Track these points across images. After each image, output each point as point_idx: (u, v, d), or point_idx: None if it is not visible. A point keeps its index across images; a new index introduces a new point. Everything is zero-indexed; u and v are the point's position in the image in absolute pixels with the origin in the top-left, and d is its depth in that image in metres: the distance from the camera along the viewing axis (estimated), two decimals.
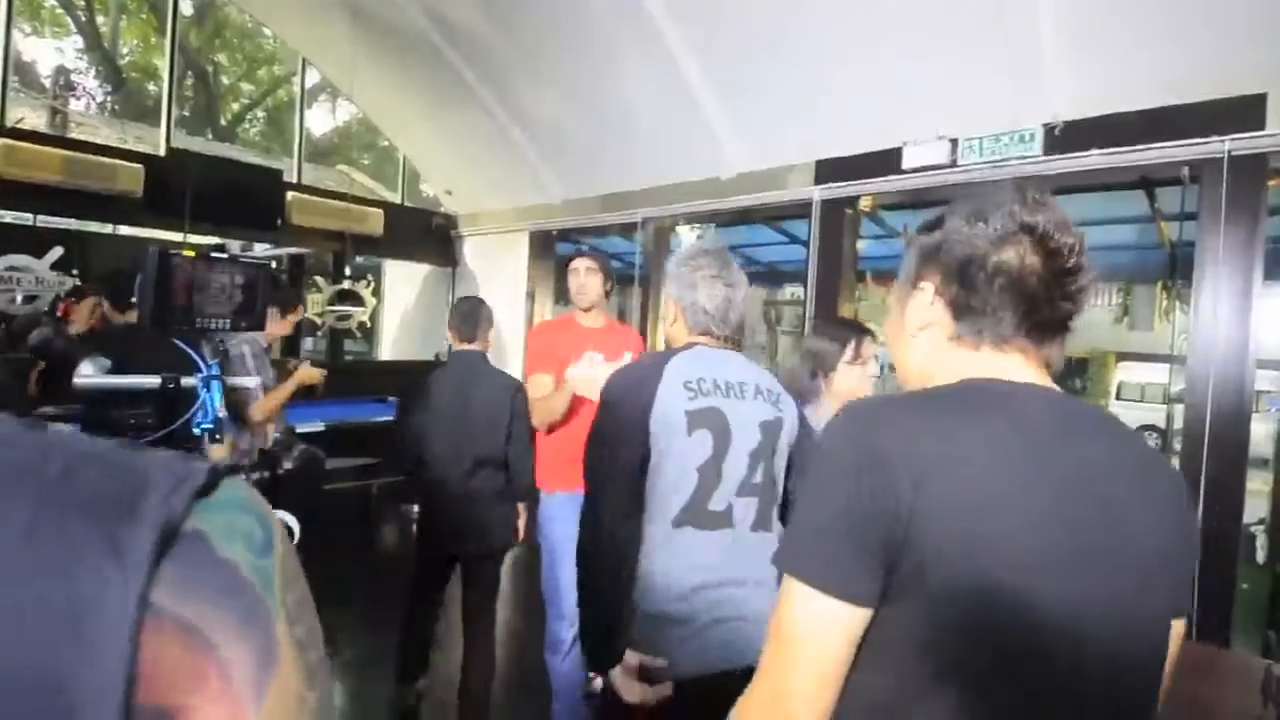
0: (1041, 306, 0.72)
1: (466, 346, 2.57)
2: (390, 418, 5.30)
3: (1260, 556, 4.98)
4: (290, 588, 0.32)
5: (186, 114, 13.90)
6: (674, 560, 1.33)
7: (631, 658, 1.31)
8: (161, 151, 5.45)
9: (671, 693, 1.29)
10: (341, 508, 4.56)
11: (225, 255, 1.06)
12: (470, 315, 2.59)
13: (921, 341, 0.79)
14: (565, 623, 2.34)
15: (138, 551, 0.28)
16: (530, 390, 2.55)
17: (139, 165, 4.99)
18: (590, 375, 2.30)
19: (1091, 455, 0.70)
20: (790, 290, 15.16)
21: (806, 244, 4.59)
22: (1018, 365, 0.74)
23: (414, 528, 2.65)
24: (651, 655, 1.31)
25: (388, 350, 8.23)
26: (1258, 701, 1.38)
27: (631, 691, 1.29)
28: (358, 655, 3.23)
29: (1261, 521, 5.13)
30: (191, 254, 1.00)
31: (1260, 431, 4.19)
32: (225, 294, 1.01)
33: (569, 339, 2.58)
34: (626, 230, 5.47)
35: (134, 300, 2.63)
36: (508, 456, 2.53)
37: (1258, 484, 4.51)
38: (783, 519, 1.44)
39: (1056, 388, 0.76)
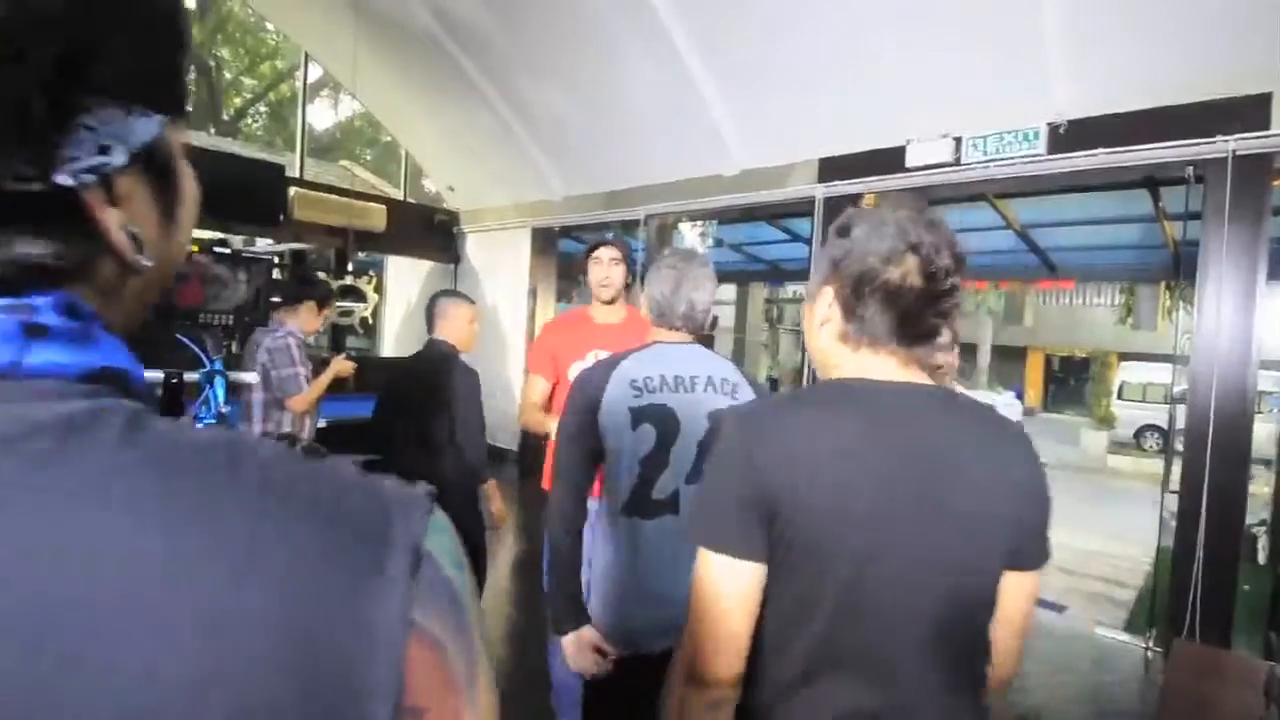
0: (913, 320, 0.87)
1: (431, 336, 2.73)
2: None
3: (1261, 557, 4.97)
4: (475, 601, 0.36)
5: (189, 108, 13.90)
6: (624, 546, 1.47)
7: (592, 635, 1.43)
8: None
9: (611, 668, 1.43)
10: None
11: (228, 250, 1.06)
12: (429, 307, 2.75)
13: (823, 337, 0.94)
14: None
15: (397, 572, 0.31)
16: (526, 391, 2.56)
17: None
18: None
19: (932, 436, 0.86)
20: (792, 289, 15.16)
21: (809, 242, 4.59)
22: (887, 366, 0.89)
23: None
24: (606, 630, 1.44)
25: (390, 346, 8.24)
26: (1260, 702, 1.38)
27: (583, 661, 1.41)
28: None
29: (1263, 522, 5.12)
30: (195, 249, 1.00)
31: (1261, 432, 4.18)
32: (228, 289, 1.01)
33: (577, 338, 2.50)
34: (629, 227, 5.46)
35: None
36: (456, 439, 2.63)
37: (1259, 485, 4.50)
38: None
39: (925, 381, 0.90)
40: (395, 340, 8.18)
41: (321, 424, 4.39)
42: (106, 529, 0.27)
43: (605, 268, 2.44)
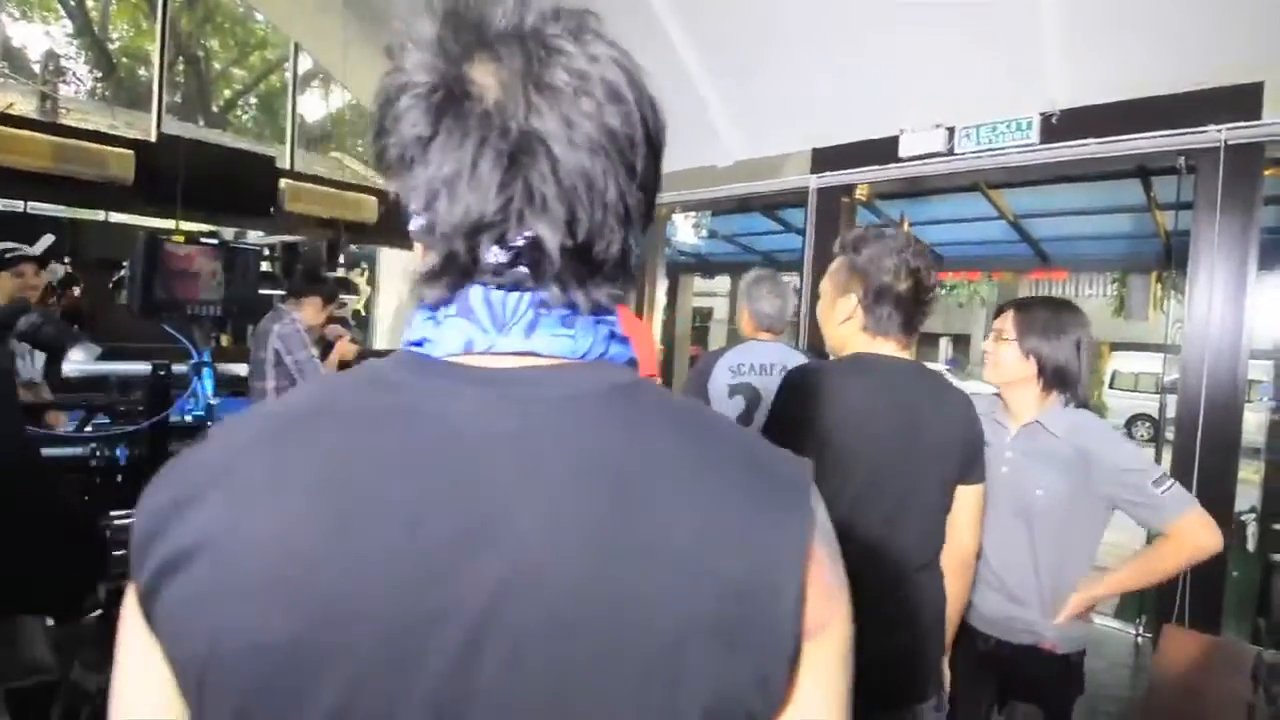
0: (912, 318, 1.34)
1: None
2: None
3: (1251, 545, 5.01)
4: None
5: (179, 100, 13.76)
6: None
7: None
8: (153, 137, 5.40)
9: None
10: None
11: (216, 241, 1.05)
12: None
13: (844, 327, 1.37)
14: None
15: (805, 514, 0.45)
16: None
17: (130, 151, 4.94)
18: None
19: (911, 393, 1.31)
20: (786, 279, 15.14)
21: (803, 233, 4.58)
22: (892, 347, 1.35)
23: None
24: None
25: (384, 340, 8.21)
26: (1247, 686, 1.39)
27: None
28: None
29: (1253, 510, 5.16)
30: (181, 239, 0.99)
31: (1252, 421, 4.20)
32: (217, 280, 1.00)
33: None
34: None
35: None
36: None
37: (1249, 473, 4.53)
38: None
39: (910, 359, 1.37)
40: (389, 333, 8.15)
41: None
42: (660, 442, 0.45)
43: None
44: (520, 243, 0.43)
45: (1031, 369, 1.58)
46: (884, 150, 3.88)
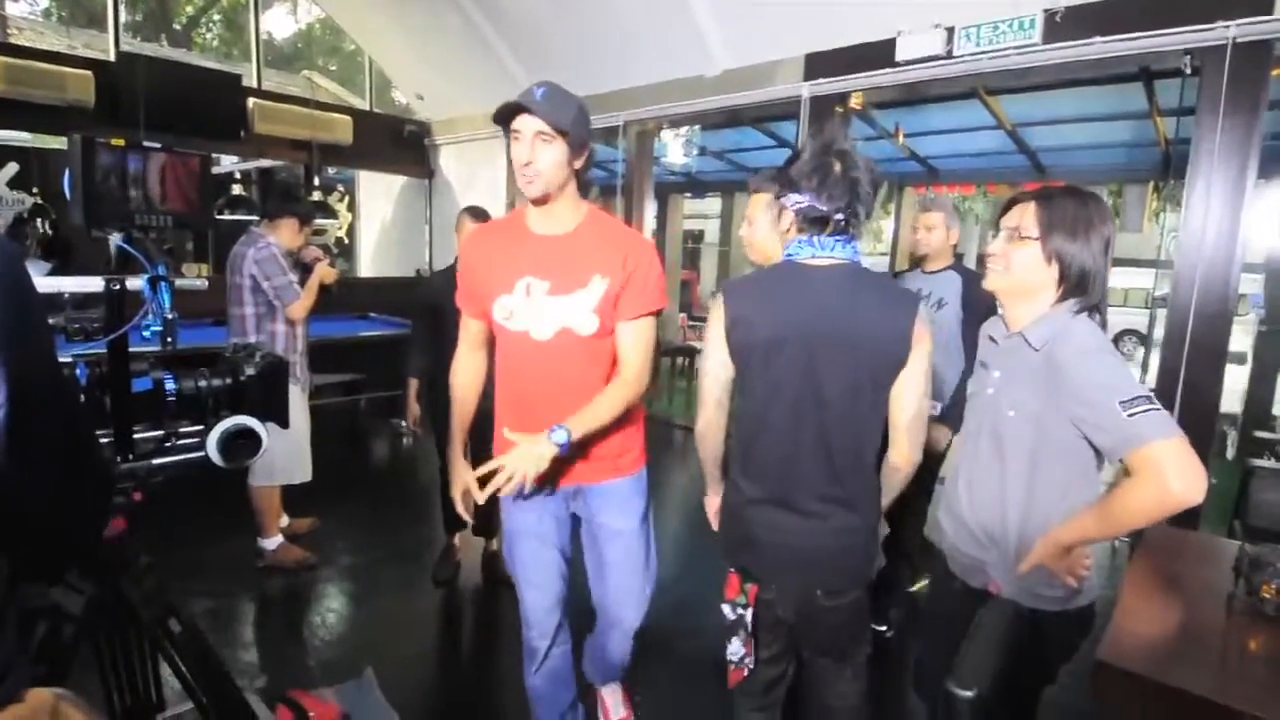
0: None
1: None
2: (374, 333, 5.34)
3: (1230, 453, 5.13)
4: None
5: (139, 19, 13.02)
6: None
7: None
8: (111, 57, 5.11)
9: None
10: (328, 424, 4.56)
11: (159, 146, 0.98)
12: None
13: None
14: (534, 631, 1.85)
15: (915, 307, 1.40)
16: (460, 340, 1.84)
17: (88, 72, 4.68)
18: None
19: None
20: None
21: (795, 146, 4.43)
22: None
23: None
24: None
25: (366, 266, 8.06)
26: (1229, 578, 1.43)
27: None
28: (355, 563, 3.31)
29: (1234, 420, 5.26)
30: (121, 143, 0.92)
31: (1238, 332, 4.21)
32: (164, 188, 0.94)
33: (501, 258, 1.65)
34: (608, 135, 5.25)
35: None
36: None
37: (1233, 383, 4.57)
38: None
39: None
40: (372, 260, 8.00)
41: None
42: (867, 286, 1.41)
43: (526, 146, 1.54)
44: (848, 212, 1.36)
45: (1053, 275, 1.31)
46: (881, 54, 3.71)
